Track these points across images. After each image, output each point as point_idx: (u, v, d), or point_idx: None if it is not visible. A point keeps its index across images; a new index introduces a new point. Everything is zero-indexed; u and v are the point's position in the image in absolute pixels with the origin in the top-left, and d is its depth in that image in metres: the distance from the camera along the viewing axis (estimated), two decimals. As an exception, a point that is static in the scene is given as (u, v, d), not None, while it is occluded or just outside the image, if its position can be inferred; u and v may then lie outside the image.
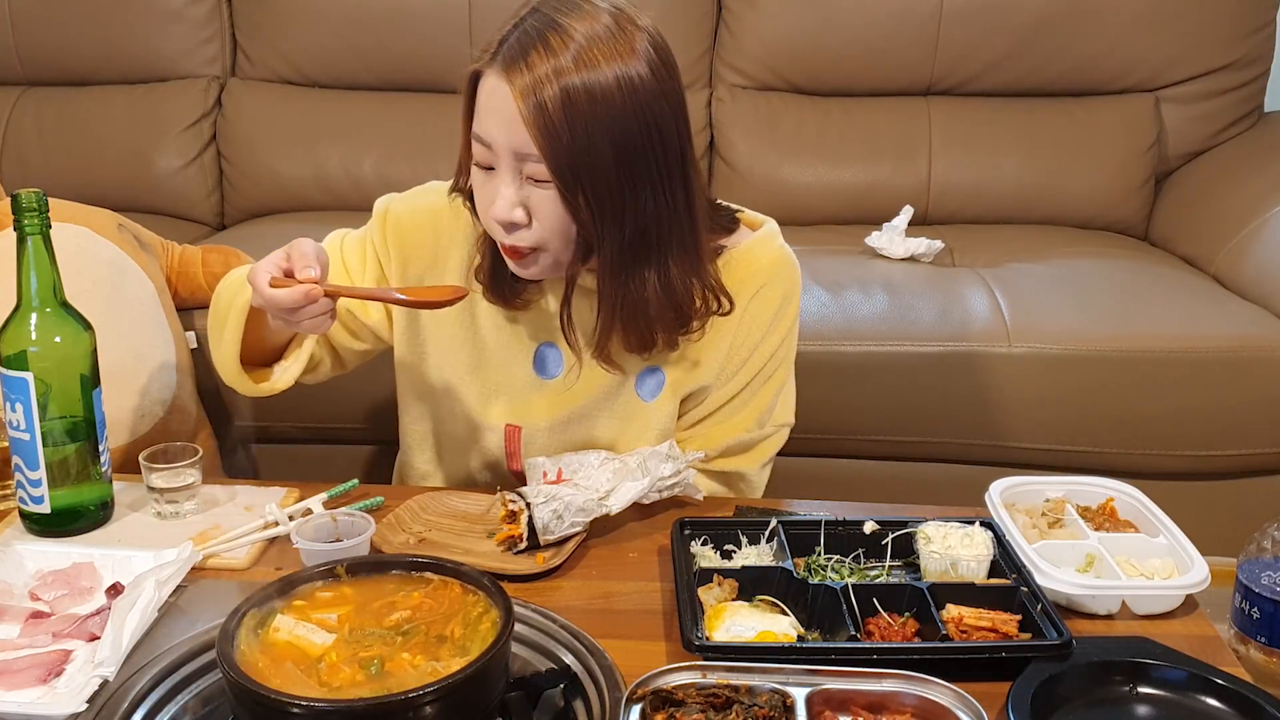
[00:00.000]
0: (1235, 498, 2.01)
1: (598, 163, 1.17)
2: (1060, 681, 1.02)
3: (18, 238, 1.25)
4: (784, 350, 1.42)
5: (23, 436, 1.27)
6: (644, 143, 1.19)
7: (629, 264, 1.25)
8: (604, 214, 1.20)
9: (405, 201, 1.42)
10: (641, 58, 1.18)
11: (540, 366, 1.40)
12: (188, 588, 1.19)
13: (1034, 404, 1.97)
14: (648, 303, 1.27)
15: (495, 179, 1.22)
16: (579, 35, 1.16)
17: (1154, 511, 1.28)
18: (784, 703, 0.98)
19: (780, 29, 2.62)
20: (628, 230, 1.22)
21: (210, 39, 2.74)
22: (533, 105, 1.15)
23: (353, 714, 0.88)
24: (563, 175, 1.17)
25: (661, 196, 1.23)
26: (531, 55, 1.16)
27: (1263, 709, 0.99)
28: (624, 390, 1.40)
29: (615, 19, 1.19)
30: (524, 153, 1.18)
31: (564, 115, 1.15)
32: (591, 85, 1.15)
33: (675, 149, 1.23)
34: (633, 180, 1.20)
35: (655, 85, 1.19)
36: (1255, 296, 2.12)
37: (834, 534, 1.24)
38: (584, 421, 1.41)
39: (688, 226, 1.27)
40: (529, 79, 1.15)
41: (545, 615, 1.11)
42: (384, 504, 1.36)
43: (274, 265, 1.21)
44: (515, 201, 1.21)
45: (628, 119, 1.17)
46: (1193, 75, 2.60)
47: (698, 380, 1.40)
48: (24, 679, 1.05)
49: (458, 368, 1.42)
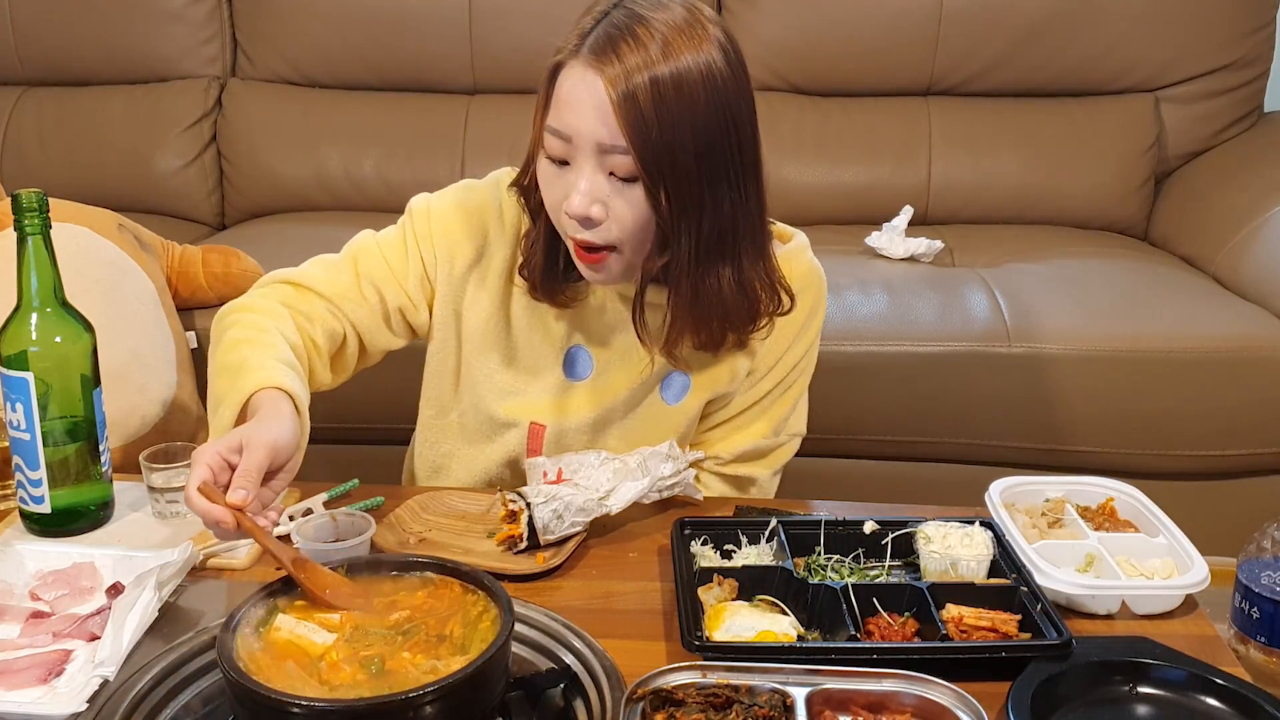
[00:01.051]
0: (1235, 497, 2.01)
1: (681, 156, 1.17)
2: (1060, 681, 1.02)
3: (18, 238, 1.25)
4: (806, 361, 1.43)
5: (23, 436, 1.27)
6: (723, 138, 1.20)
7: (705, 261, 1.24)
8: (684, 209, 1.20)
9: (447, 199, 1.41)
10: (719, 50, 1.19)
11: (569, 368, 1.40)
12: (188, 588, 1.19)
13: (1034, 404, 1.97)
14: (723, 300, 1.27)
15: (571, 173, 1.21)
16: (662, 27, 1.16)
17: (1154, 511, 1.28)
18: (784, 702, 0.98)
19: (780, 29, 2.62)
20: (705, 226, 1.22)
21: (210, 39, 2.74)
22: (623, 95, 1.15)
23: (353, 714, 0.88)
24: (648, 168, 1.17)
25: (738, 193, 1.23)
26: (621, 47, 1.16)
27: (1262, 709, 0.98)
28: (649, 393, 1.40)
29: (689, 10, 1.20)
30: (609, 145, 1.17)
31: (654, 107, 1.15)
32: (679, 77, 1.16)
33: (751, 145, 1.24)
34: (712, 176, 1.20)
35: (732, 78, 1.20)
36: (1255, 296, 2.12)
37: (834, 534, 1.24)
38: (609, 423, 1.41)
39: (759, 224, 1.28)
40: (619, 69, 1.15)
41: (545, 615, 1.11)
42: (384, 504, 1.36)
43: (216, 460, 1.07)
44: (595, 196, 1.20)
45: (710, 113, 1.18)
46: (1192, 75, 2.60)
47: (722, 386, 1.40)
48: (24, 679, 1.05)
49: (488, 365, 1.42)
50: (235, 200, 2.72)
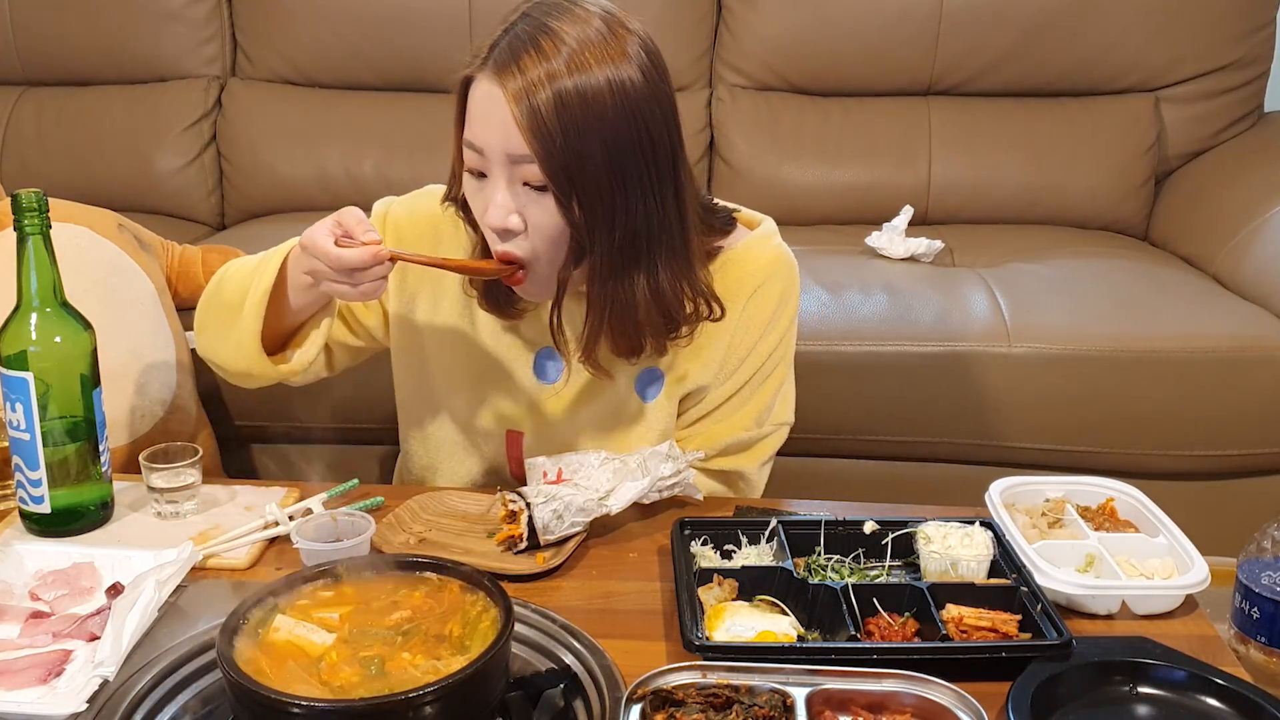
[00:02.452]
0: (1235, 498, 2.01)
1: (589, 165, 1.18)
2: (1060, 681, 1.02)
3: (18, 238, 1.25)
4: (782, 349, 1.42)
5: (23, 436, 1.27)
6: (634, 145, 1.20)
7: (618, 267, 1.25)
8: (595, 216, 1.20)
9: (405, 205, 1.42)
10: (633, 61, 1.19)
11: (541, 372, 1.40)
12: (188, 588, 1.19)
13: (1034, 404, 1.97)
14: (636, 307, 1.27)
15: (489, 186, 1.22)
16: (570, 39, 1.17)
17: (1154, 511, 1.28)
18: (784, 702, 0.98)
19: (780, 29, 2.62)
20: (618, 233, 1.22)
21: (210, 39, 2.74)
22: (526, 108, 1.15)
23: (353, 714, 0.88)
24: (556, 178, 1.18)
25: (652, 199, 1.23)
26: (524, 59, 1.16)
27: (1263, 709, 0.99)
28: (626, 392, 1.40)
29: (606, 23, 1.19)
30: (518, 156, 1.18)
31: (556, 118, 1.15)
32: (583, 88, 1.16)
33: (666, 152, 1.23)
34: (624, 182, 1.20)
35: (646, 88, 1.20)
36: (1255, 296, 2.12)
37: (834, 534, 1.24)
38: (586, 425, 1.41)
39: (678, 231, 1.27)
40: (521, 82, 1.16)
41: (545, 615, 1.11)
42: (384, 504, 1.36)
43: (328, 230, 1.21)
44: (510, 208, 1.21)
45: (619, 121, 1.18)
46: (1192, 75, 2.60)
47: (696, 380, 1.40)
48: (24, 679, 1.05)
49: (456, 376, 1.42)
50: (235, 200, 2.72)
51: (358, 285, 1.21)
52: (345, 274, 1.20)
